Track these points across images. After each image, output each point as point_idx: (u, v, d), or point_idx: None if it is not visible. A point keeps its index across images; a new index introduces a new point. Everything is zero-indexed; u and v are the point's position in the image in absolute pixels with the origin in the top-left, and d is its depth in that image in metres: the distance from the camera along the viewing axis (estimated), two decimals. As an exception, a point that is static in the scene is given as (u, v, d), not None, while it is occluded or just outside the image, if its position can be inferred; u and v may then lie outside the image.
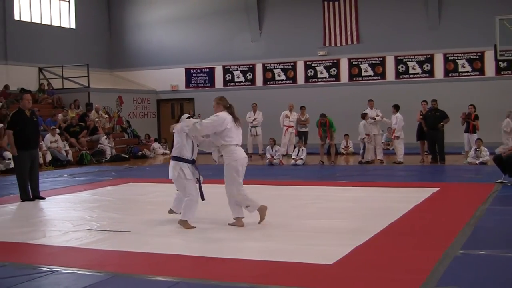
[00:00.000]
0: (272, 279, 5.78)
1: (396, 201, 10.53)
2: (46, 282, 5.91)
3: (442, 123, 18.11)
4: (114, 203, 11.29)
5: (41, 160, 19.64)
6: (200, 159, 9.37)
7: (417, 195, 11.10)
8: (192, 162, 8.59)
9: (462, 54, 24.68)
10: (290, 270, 6.09)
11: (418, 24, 25.09)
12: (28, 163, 11.70)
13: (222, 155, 8.64)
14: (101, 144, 22.69)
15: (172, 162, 8.62)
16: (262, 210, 8.64)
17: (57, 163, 20.07)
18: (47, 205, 11.17)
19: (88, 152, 21.82)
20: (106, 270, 6.28)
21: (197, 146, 8.76)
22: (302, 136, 20.82)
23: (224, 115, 8.46)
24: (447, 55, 24.85)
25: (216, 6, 28.38)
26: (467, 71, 24.63)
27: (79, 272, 6.25)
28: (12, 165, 18.09)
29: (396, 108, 18.87)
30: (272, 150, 19.09)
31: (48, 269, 6.34)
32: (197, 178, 8.62)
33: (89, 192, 12.87)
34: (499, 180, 12.67)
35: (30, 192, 11.74)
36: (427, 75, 25.16)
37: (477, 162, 17.33)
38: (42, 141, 20.08)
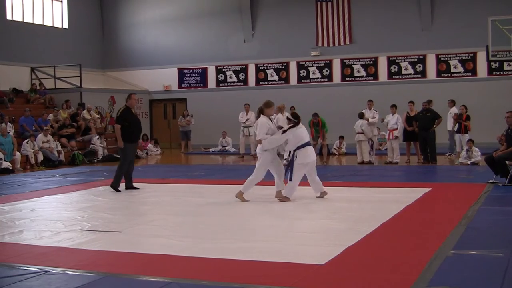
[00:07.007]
0: (263, 279, 5.77)
1: (388, 202, 10.53)
2: (38, 283, 5.88)
3: (435, 125, 18.13)
4: (106, 203, 11.25)
5: (32, 161, 19.65)
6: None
7: (409, 195, 11.11)
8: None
9: (455, 55, 24.75)
10: (281, 270, 6.09)
11: (411, 25, 25.14)
12: (133, 155, 13.31)
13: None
14: (93, 144, 22.64)
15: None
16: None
17: (49, 163, 20.00)
18: (39, 206, 11.11)
19: (80, 152, 21.75)
20: (97, 270, 6.27)
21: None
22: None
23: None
24: (440, 56, 24.91)
25: (209, 7, 28.37)
26: (459, 72, 24.70)
27: (70, 272, 6.23)
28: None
29: (395, 108, 18.83)
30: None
31: (39, 270, 6.32)
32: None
33: (81, 193, 12.82)
34: (491, 181, 12.72)
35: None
36: (420, 75, 25.22)
37: (469, 162, 17.41)
38: (35, 141, 20.05)
